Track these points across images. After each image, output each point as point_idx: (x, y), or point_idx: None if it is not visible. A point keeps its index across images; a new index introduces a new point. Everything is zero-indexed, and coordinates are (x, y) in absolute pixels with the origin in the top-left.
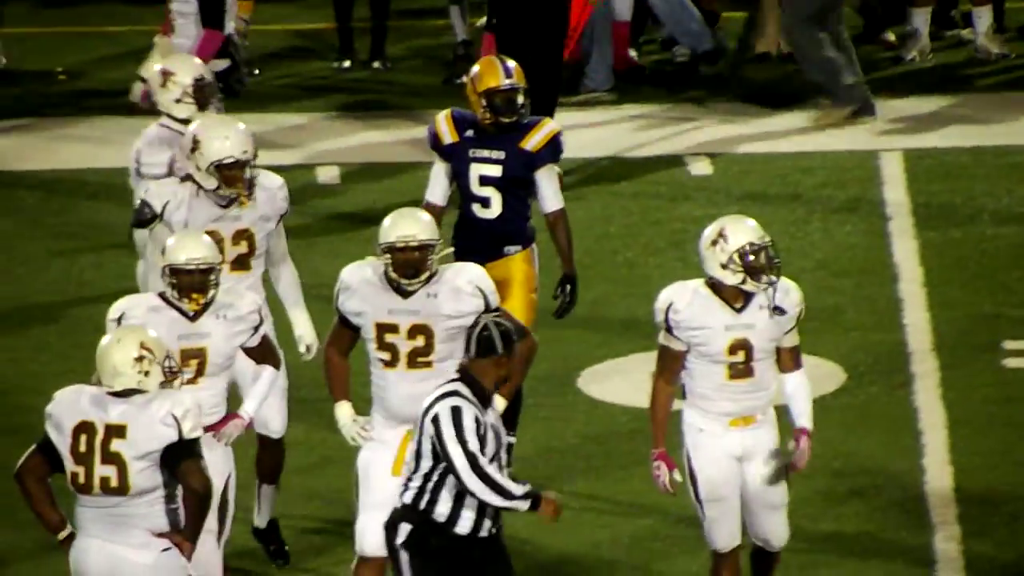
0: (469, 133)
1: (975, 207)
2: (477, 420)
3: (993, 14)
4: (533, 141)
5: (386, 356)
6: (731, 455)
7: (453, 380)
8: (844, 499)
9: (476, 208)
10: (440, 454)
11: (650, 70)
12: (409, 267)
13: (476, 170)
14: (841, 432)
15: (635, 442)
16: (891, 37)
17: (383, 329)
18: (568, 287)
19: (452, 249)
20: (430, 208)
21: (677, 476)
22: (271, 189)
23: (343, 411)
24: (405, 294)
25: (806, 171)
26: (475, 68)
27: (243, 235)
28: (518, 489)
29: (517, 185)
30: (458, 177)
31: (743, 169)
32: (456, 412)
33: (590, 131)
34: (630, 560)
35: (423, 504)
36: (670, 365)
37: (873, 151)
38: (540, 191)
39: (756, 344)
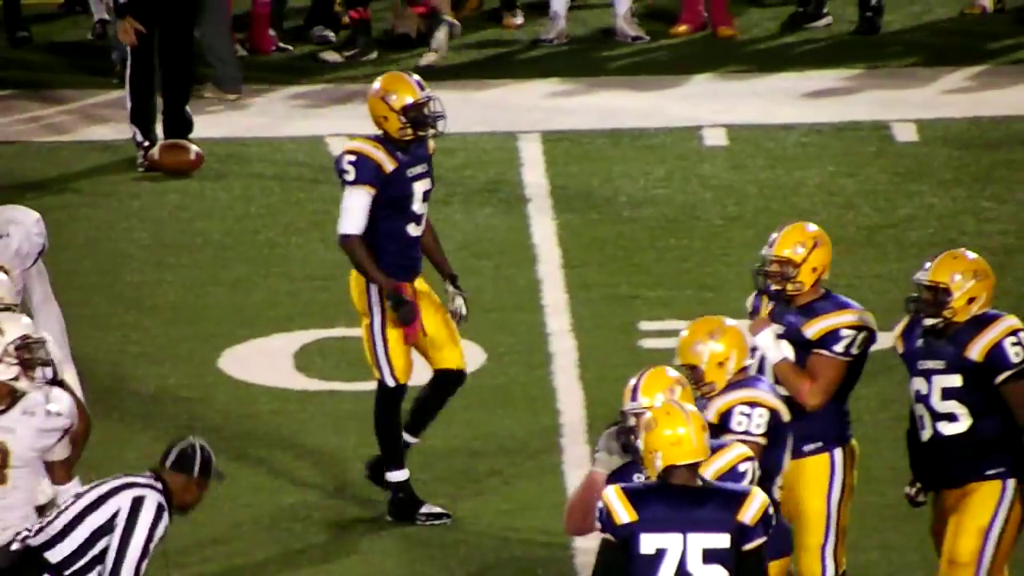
0: (399, 154)
1: (612, 189)
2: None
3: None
4: (431, 145)
5: None
6: None
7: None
8: (483, 478)
9: (411, 228)
10: (113, 535)
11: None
12: None
13: (420, 188)
14: (481, 412)
15: (275, 423)
16: (516, 20)
17: None
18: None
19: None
20: (357, 240)
21: None
22: (25, 224)
23: None
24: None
25: (447, 153)
26: (381, 86)
27: None
28: None
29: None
30: (398, 201)
31: None
32: (159, 510)
33: (229, 114)
34: (271, 537)
35: None
36: None
37: (512, 133)
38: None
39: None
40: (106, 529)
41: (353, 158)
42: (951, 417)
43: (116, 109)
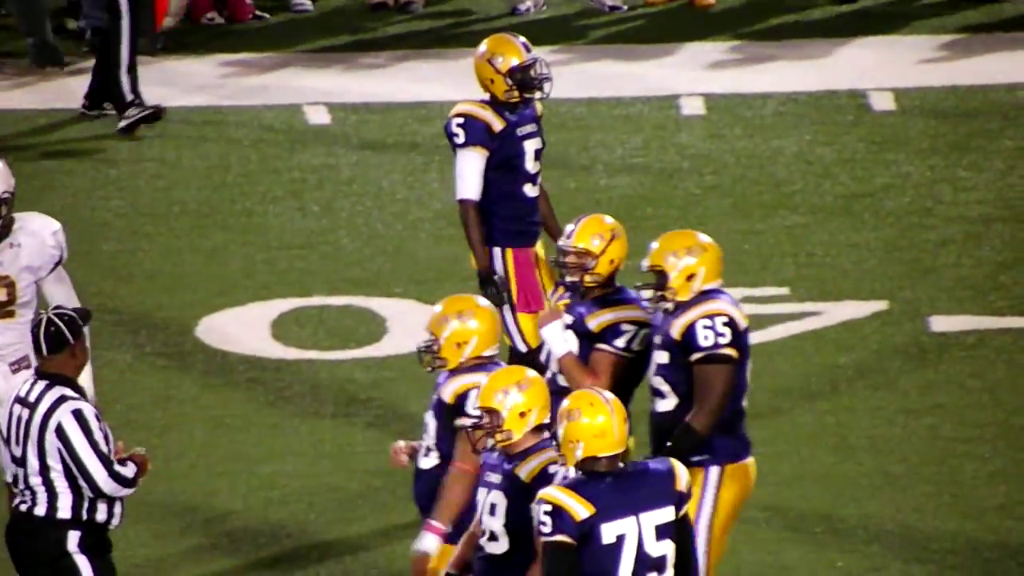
0: (507, 114)
1: (589, 158)
2: (96, 416)
3: None
4: (539, 106)
5: None
6: None
7: (45, 383)
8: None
9: (528, 188)
10: (70, 462)
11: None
12: None
13: (531, 147)
14: None
15: (253, 392)
16: None
17: None
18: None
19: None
20: (475, 205)
21: None
22: (40, 236)
23: None
24: None
25: (424, 121)
26: (487, 49)
27: (2, 281)
28: (131, 471)
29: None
30: (511, 161)
31: (361, 119)
32: (80, 416)
33: (207, 81)
34: (246, 505)
35: (84, 512)
36: None
37: None
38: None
39: None
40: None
41: (461, 120)
42: (659, 394)
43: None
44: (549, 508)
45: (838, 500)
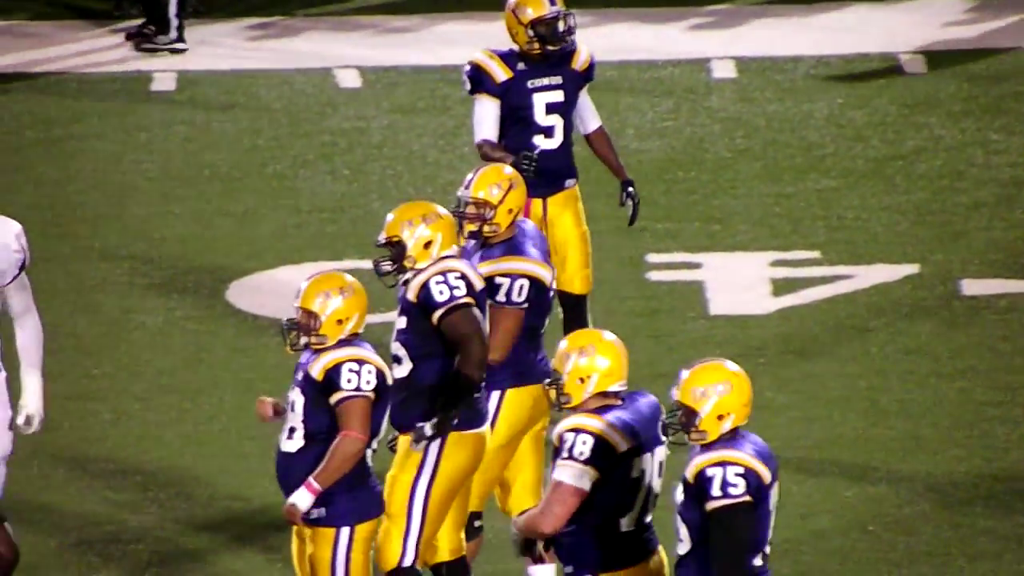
0: (520, 66)
1: (620, 122)
2: None
3: None
4: (580, 61)
5: None
6: None
7: None
8: None
9: (539, 140)
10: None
11: None
12: None
13: (541, 99)
14: None
15: (283, 355)
16: None
17: None
18: (632, 189)
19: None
20: (490, 145)
21: None
22: (2, 239)
23: None
24: None
25: (454, 84)
26: (515, 0)
27: None
28: None
29: (572, 109)
30: (518, 112)
31: (391, 82)
32: None
33: (237, 46)
34: (269, 471)
35: None
36: None
37: None
38: (584, 109)
39: None
40: None
41: (468, 68)
42: (397, 360)
43: (122, 42)
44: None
45: (869, 464)
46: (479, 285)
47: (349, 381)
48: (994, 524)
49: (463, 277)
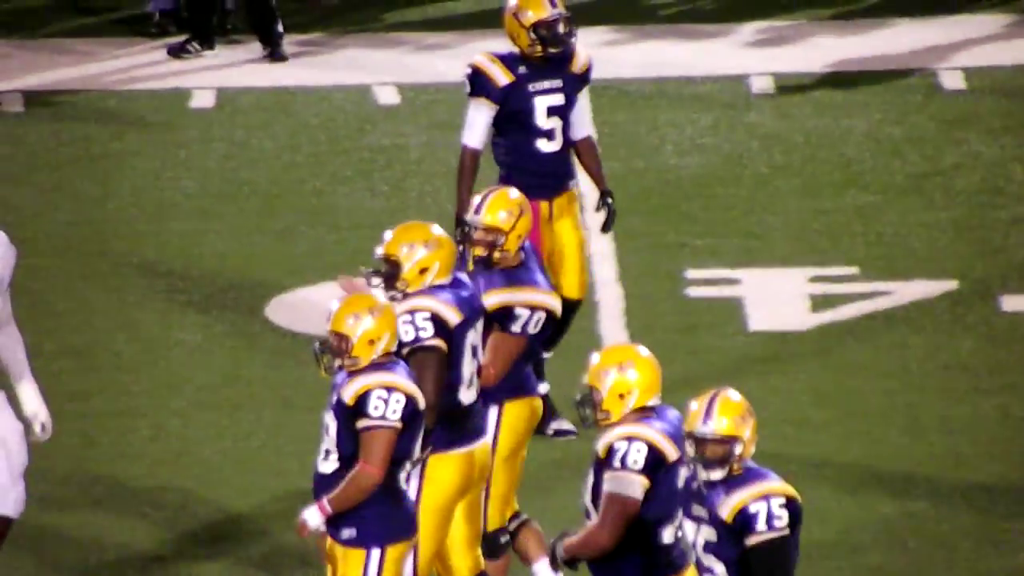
0: (522, 69)
1: (659, 138)
2: None
3: None
4: (579, 64)
5: None
6: None
7: None
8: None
9: (542, 143)
10: None
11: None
12: None
13: (543, 103)
14: None
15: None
16: None
17: None
18: (611, 200)
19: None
20: (473, 153)
21: None
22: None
23: None
24: None
25: None
26: (516, 3)
27: None
28: None
29: (572, 111)
30: (519, 115)
31: (430, 98)
32: None
33: (276, 63)
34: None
35: None
36: None
37: None
38: (580, 115)
39: None
40: None
41: (470, 71)
42: (326, 454)
43: (161, 59)
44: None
45: (909, 479)
46: (455, 320)
47: (376, 408)
48: None
49: (433, 318)
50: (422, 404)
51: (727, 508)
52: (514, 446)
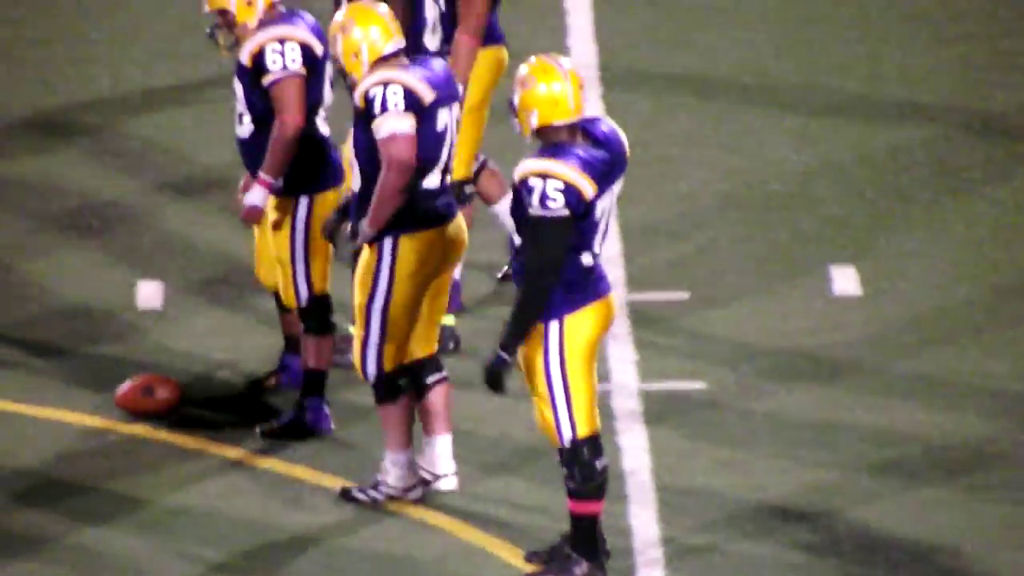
0: None
1: None
2: None
3: None
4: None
5: None
6: None
7: None
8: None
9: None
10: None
11: None
12: None
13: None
14: None
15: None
16: None
17: None
18: None
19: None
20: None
21: None
22: None
23: None
24: None
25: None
26: None
27: None
28: None
29: None
30: None
31: None
32: None
33: None
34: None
35: None
36: None
37: None
38: None
39: None
40: None
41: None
42: (240, 118)
43: None
44: (562, 185)
45: (866, 128)
46: (319, 50)
47: (274, 62)
48: None
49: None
50: (319, 49)
51: (518, 172)
52: (482, 96)
